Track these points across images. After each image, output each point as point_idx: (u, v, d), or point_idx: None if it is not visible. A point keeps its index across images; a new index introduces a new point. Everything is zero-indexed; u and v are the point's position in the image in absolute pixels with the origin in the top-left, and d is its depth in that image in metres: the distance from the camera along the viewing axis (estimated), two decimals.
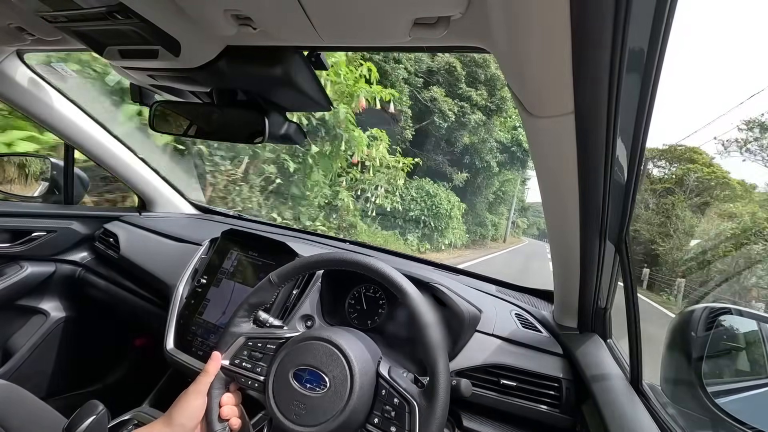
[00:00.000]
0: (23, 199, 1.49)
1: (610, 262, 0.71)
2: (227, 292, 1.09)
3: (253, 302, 0.74)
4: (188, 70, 0.69)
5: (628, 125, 0.46)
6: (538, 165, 0.58)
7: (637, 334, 0.70)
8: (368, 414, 0.63)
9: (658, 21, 0.36)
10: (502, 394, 0.84)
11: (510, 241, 26.66)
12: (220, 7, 0.53)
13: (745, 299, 10.77)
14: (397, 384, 0.63)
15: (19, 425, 0.85)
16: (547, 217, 0.69)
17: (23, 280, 1.39)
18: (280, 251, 1.10)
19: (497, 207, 21.46)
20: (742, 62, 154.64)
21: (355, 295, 1.03)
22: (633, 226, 0.61)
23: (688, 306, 0.74)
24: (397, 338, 0.95)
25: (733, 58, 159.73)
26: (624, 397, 0.69)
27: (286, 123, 0.79)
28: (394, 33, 0.52)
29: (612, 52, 0.36)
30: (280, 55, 0.65)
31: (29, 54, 1.17)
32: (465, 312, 0.90)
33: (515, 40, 0.41)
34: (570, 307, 0.87)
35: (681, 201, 18.15)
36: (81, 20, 0.62)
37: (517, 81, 0.47)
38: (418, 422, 0.58)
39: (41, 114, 1.27)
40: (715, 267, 12.93)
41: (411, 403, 0.60)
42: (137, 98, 0.87)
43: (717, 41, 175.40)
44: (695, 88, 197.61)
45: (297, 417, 0.61)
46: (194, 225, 1.59)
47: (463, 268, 1.33)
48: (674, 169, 20.87)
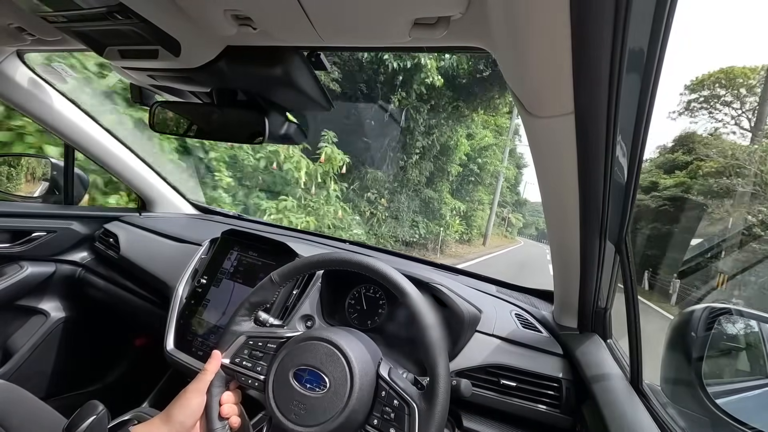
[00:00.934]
0: (23, 199, 1.49)
1: (610, 262, 0.71)
2: (227, 292, 1.09)
3: (254, 301, 0.74)
4: (188, 70, 0.69)
5: (628, 125, 0.46)
6: (538, 165, 0.58)
7: (637, 334, 0.70)
8: (368, 415, 0.63)
9: (658, 21, 0.36)
10: (502, 394, 0.84)
11: (496, 243, 19.81)
12: (220, 7, 0.53)
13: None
14: (396, 385, 0.63)
15: (19, 425, 0.84)
16: (547, 217, 0.69)
17: (23, 280, 1.39)
18: (280, 251, 1.10)
19: (468, 189, 14.04)
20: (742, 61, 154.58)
21: (355, 296, 1.03)
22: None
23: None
24: (397, 338, 0.95)
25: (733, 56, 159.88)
26: (624, 397, 0.69)
27: (286, 123, 0.79)
28: (394, 33, 0.52)
29: (612, 52, 0.36)
30: (280, 55, 0.65)
31: (29, 54, 1.17)
32: (465, 312, 0.90)
33: (515, 40, 0.41)
34: (570, 307, 0.87)
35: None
36: (81, 20, 0.62)
37: (517, 81, 0.47)
38: (418, 425, 0.58)
39: (41, 114, 1.27)
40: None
41: (411, 405, 0.60)
42: (137, 98, 0.87)
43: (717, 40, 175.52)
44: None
45: (297, 417, 0.61)
46: (194, 225, 1.59)
47: (464, 268, 1.33)
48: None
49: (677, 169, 16.90)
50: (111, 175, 1.54)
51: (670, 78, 5.50)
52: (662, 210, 14.87)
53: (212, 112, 0.83)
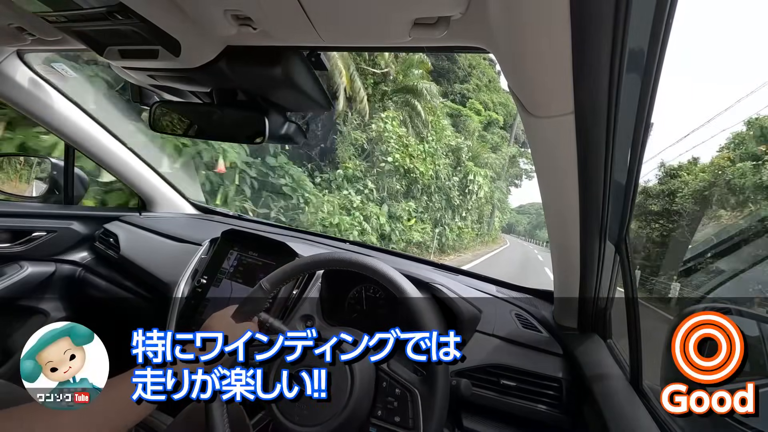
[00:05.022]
0: (23, 199, 1.49)
1: (610, 262, 0.71)
2: (227, 292, 1.09)
3: (246, 310, 0.72)
4: (188, 70, 0.69)
5: (628, 125, 0.46)
6: (538, 165, 0.58)
7: (637, 334, 0.70)
8: (371, 408, 0.63)
9: (658, 21, 0.36)
10: (502, 394, 0.84)
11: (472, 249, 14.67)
12: (220, 7, 0.53)
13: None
14: (397, 375, 0.64)
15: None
16: (548, 217, 0.69)
17: (23, 280, 1.39)
18: (280, 251, 1.10)
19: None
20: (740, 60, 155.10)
21: (355, 295, 1.03)
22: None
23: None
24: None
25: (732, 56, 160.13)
26: (624, 397, 0.69)
27: (286, 123, 0.79)
28: (394, 33, 0.52)
29: (612, 52, 0.36)
30: (280, 55, 0.65)
31: (29, 54, 1.17)
32: (465, 312, 0.90)
33: (515, 40, 0.41)
34: (570, 307, 0.87)
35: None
36: (81, 20, 0.62)
37: (517, 81, 0.47)
38: (422, 409, 0.59)
39: (41, 114, 1.27)
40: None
41: (412, 391, 0.61)
42: (137, 98, 0.87)
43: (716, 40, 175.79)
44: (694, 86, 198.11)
45: (300, 418, 0.61)
46: (194, 225, 1.60)
47: (463, 268, 1.33)
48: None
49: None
50: (111, 174, 1.54)
51: (671, 78, 5.24)
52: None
53: (212, 112, 0.83)
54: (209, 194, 5.34)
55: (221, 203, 5.48)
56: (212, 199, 5.33)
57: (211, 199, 5.31)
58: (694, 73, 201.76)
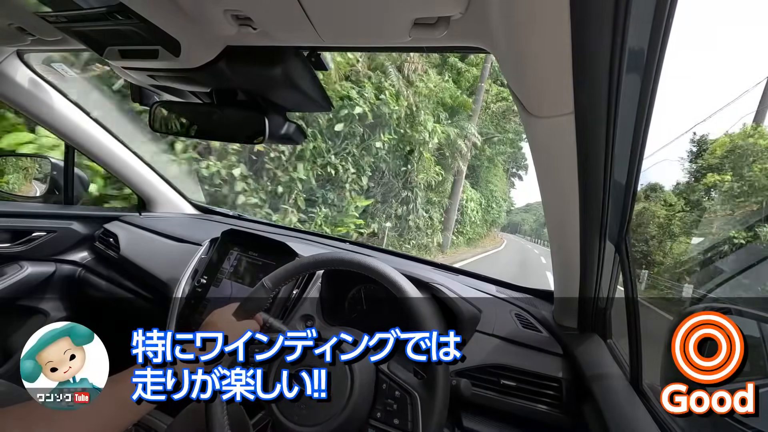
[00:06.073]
0: (23, 199, 1.49)
1: (610, 262, 0.71)
2: (227, 292, 1.09)
3: (248, 308, 0.72)
4: (188, 70, 0.69)
5: (628, 125, 0.46)
6: (538, 165, 0.58)
7: (637, 334, 0.70)
8: (370, 409, 0.63)
9: (658, 21, 0.36)
10: (502, 394, 0.84)
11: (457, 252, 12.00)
12: (220, 7, 0.53)
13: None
14: (397, 377, 0.64)
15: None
16: (548, 217, 0.69)
17: (23, 280, 1.39)
18: (280, 251, 1.10)
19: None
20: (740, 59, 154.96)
21: (355, 295, 1.03)
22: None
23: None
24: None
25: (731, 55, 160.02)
26: (624, 397, 0.69)
27: (286, 123, 0.79)
28: (394, 33, 0.52)
29: (612, 52, 0.36)
30: (280, 55, 0.65)
31: (29, 54, 1.17)
32: (465, 312, 0.90)
33: (515, 40, 0.41)
34: (570, 307, 0.87)
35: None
36: (81, 20, 0.62)
37: (517, 81, 0.47)
38: (421, 412, 0.59)
39: (41, 114, 1.27)
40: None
41: (412, 394, 0.61)
42: (137, 98, 0.87)
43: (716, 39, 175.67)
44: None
45: (299, 418, 0.61)
46: (194, 225, 1.59)
47: (464, 268, 1.33)
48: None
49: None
50: (111, 174, 1.54)
51: (670, 78, 5.13)
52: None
53: (212, 112, 0.83)
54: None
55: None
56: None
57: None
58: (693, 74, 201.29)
